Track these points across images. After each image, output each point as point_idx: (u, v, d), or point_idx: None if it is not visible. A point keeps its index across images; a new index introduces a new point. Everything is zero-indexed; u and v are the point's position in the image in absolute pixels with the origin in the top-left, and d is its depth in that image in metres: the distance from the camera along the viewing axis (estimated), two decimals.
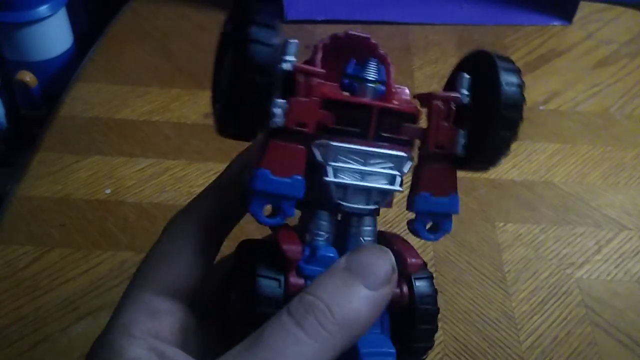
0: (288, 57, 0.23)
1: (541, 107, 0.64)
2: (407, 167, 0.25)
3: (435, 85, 0.66)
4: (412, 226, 0.26)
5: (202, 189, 0.27)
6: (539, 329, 0.44)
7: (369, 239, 0.25)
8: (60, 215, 0.51)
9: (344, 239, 0.25)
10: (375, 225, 0.26)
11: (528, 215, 0.53)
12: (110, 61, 0.69)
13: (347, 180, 0.24)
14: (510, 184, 0.56)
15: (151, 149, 0.57)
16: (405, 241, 0.27)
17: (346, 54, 0.26)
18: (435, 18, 0.77)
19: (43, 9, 0.78)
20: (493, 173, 0.56)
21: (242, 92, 0.21)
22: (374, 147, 0.24)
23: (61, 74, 0.82)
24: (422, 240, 0.26)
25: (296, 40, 0.23)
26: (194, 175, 0.54)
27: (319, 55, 0.25)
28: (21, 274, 0.46)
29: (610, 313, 0.46)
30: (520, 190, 0.55)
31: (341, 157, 0.24)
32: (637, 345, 0.44)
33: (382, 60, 0.26)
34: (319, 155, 0.24)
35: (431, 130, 0.25)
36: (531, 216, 0.53)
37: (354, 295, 0.21)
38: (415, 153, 0.26)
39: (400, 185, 0.25)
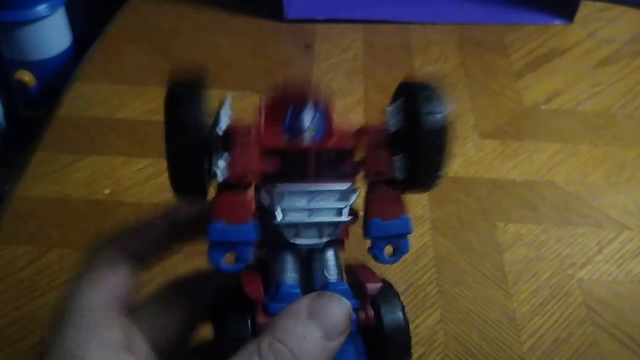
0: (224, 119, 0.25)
1: (542, 107, 0.63)
2: (353, 197, 0.27)
3: None
4: (370, 252, 0.27)
5: None
6: (540, 330, 0.44)
7: (333, 272, 0.27)
8: (59, 216, 0.51)
9: (310, 275, 0.27)
10: (337, 258, 0.27)
11: (529, 216, 0.53)
12: (110, 61, 0.69)
13: (295, 219, 0.26)
14: (512, 184, 0.55)
15: (150, 149, 0.57)
16: (369, 269, 0.28)
17: (287, 102, 0.27)
18: (436, 17, 0.76)
19: (42, 8, 0.78)
20: (494, 173, 0.56)
21: (179, 155, 0.24)
22: (316, 185, 0.26)
23: (60, 74, 0.82)
24: (422, 242, 0.27)
25: (229, 100, 0.26)
26: None
27: (262, 111, 0.27)
28: (20, 275, 0.46)
29: (612, 314, 0.46)
30: (522, 190, 0.55)
31: (287, 199, 0.26)
32: (638, 347, 0.44)
33: (320, 106, 0.28)
34: (266, 200, 0.26)
35: (367, 160, 0.27)
36: (532, 216, 0.53)
37: (315, 345, 0.24)
38: (362, 183, 0.27)
39: (348, 215, 0.26)
